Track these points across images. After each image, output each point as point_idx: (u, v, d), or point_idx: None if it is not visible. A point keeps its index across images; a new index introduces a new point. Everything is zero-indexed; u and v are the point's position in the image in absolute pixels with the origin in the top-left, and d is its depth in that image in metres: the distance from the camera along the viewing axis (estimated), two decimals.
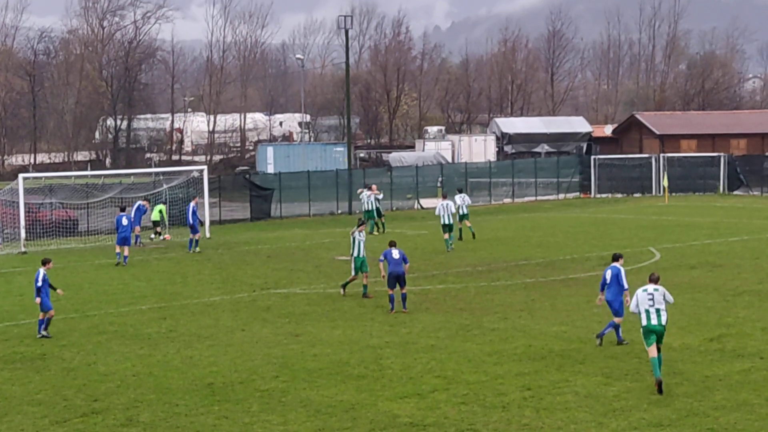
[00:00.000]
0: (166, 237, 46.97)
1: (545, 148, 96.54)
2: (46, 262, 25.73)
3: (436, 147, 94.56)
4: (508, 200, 69.29)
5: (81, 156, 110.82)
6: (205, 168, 52.19)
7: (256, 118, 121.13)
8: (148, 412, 18.40)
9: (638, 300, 19.57)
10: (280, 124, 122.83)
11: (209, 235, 47.77)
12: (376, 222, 48.76)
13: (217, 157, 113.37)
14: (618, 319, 22.65)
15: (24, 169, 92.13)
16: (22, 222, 44.14)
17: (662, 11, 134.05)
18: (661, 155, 74.50)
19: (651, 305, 19.41)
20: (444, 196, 44.03)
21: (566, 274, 33.90)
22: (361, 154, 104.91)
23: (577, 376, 20.23)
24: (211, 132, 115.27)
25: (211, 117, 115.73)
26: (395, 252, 27.71)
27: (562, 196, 71.46)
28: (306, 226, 54.72)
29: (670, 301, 19.67)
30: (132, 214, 44.00)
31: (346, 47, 72.17)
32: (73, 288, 32.07)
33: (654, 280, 19.77)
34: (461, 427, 17.16)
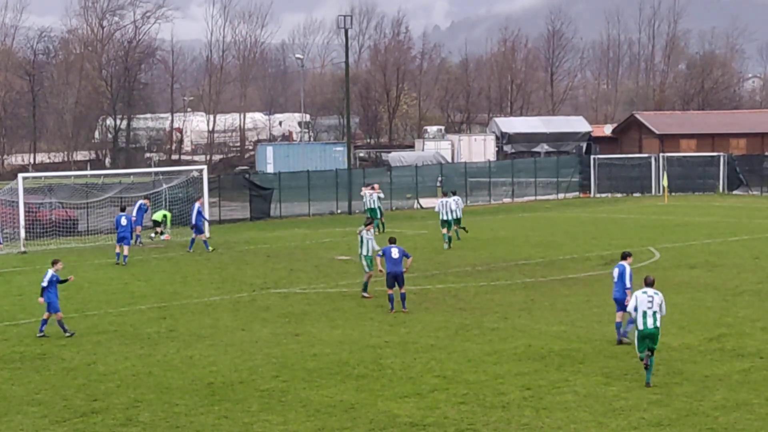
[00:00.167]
0: (166, 237, 46.97)
1: (545, 147, 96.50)
2: (55, 263, 25.70)
3: (435, 147, 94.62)
4: (507, 200, 69.28)
5: (81, 156, 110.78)
6: (204, 168, 52.25)
7: (255, 118, 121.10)
8: (147, 412, 18.40)
9: (638, 301, 19.70)
10: (280, 123, 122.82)
11: (209, 234, 47.72)
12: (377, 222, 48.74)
13: (216, 157, 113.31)
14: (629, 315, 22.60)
15: (23, 168, 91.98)
16: (22, 222, 44.14)
17: (662, 11, 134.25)
18: (661, 155, 74.53)
19: (650, 307, 19.58)
20: (444, 195, 44.07)
21: (566, 273, 33.89)
22: (361, 154, 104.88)
23: (577, 375, 20.24)
24: (211, 132, 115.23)
25: (211, 117, 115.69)
26: (395, 251, 27.58)
27: (561, 195, 71.45)
28: (306, 225, 54.72)
29: (663, 312, 19.80)
30: (134, 213, 44.07)
31: (346, 47, 72.16)
32: (72, 288, 31.98)
33: (650, 284, 20.02)
34: (461, 426, 17.16)
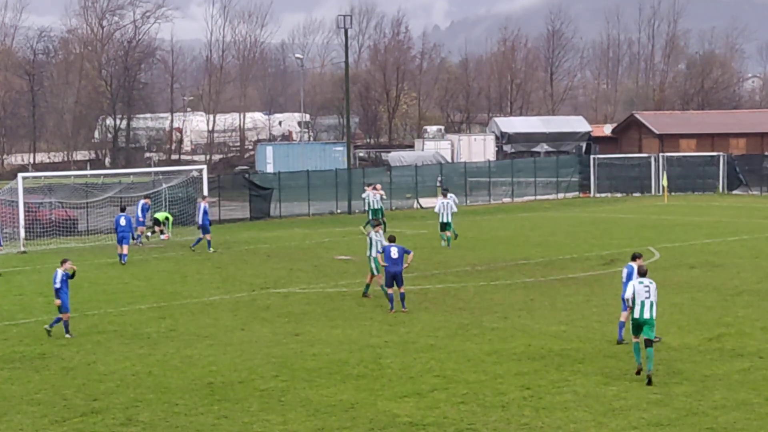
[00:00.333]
0: (165, 236, 46.95)
1: (544, 147, 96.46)
2: (64, 262, 25.69)
3: (435, 146, 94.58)
4: (507, 200, 69.26)
5: (80, 155, 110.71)
6: (204, 167, 52.27)
7: (255, 118, 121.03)
8: (147, 412, 18.41)
9: (635, 290, 19.93)
10: (280, 123, 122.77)
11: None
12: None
13: (216, 157, 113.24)
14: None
15: (23, 168, 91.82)
16: (22, 221, 44.14)
17: (661, 10, 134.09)
18: (661, 155, 74.50)
19: (647, 297, 19.82)
20: (444, 195, 44.02)
21: (566, 273, 33.90)
22: (361, 154, 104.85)
23: (577, 375, 20.24)
24: (211, 131, 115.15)
25: (211, 116, 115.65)
26: (394, 250, 27.53)
27: (561, 195, 71.41)
28: (305, 225, 54.71)
29: (655, 300, 20.01)
30: (138, 213, 44.09)
31: (346, 47, 72.18)
32: (72, 287, 31.76)
33: (644, 273, 20.39)
34: (461, 426, 17.16)
